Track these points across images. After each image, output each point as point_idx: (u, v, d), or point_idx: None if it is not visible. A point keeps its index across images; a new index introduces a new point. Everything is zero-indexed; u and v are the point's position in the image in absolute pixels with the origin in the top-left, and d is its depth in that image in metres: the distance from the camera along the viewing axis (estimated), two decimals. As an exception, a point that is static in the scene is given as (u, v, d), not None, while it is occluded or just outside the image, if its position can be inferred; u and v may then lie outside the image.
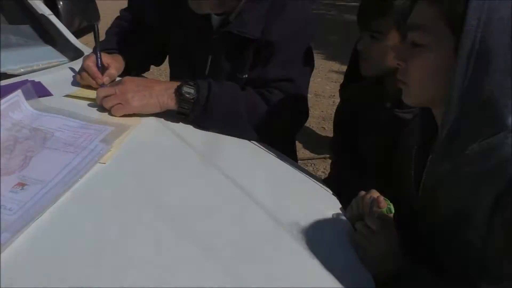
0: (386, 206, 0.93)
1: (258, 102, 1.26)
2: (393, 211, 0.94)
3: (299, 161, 2.09)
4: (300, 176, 1.15)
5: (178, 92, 1.19)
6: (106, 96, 1.17)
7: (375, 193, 0.95)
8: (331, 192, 1.10)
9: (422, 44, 0.82)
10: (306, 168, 1.68)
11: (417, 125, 1.00)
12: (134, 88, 1.18)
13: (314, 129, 3.76)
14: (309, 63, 1.38)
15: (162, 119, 1.22)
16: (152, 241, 0.77)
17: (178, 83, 1.21)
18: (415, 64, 0.84)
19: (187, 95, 1.19)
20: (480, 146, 0.79)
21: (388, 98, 1.28)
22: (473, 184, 0.79)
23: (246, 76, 1.33)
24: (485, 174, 0.77)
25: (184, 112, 1.21)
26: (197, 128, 1.23)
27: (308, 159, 3.23)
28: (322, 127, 3.82)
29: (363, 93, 1.40)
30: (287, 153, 1.27)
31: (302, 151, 3.31)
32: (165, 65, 1.64)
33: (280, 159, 1.19)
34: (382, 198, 0.94)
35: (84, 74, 1.31)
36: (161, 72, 3.78)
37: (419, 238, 0.94)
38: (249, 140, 1.25)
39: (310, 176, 1.16)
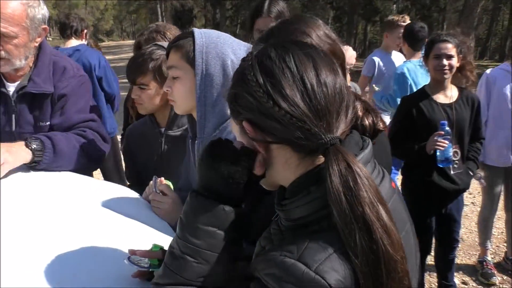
0: (164, 183, 1.50)
1: (81, 139, 1.73)
2: (171, 186, 1.52)
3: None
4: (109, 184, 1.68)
5: (29, 146, 1.56)
6: None
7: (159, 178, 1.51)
8: (127, 188, 1.64)
9: (177, 76, 1.39)
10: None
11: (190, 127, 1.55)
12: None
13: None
14: (97, 107, 1.93)
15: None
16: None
17: (21, 142, 1.57)
18: (175, 89, 1.39)
19: (35, 146, 1.57)
20: (219, 130, 1.37)
21: (160, 125, 1.88)
22: None
23: (48, 123, 1.77)
24: None
25: (38, 160, 1.57)
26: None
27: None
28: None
29: (142, 124, 1.97)
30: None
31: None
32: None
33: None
34: (162, 178, 1.51)
35: None
36: None
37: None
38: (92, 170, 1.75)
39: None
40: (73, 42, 3.58)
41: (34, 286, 1.01)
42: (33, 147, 1.57)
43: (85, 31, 3.73)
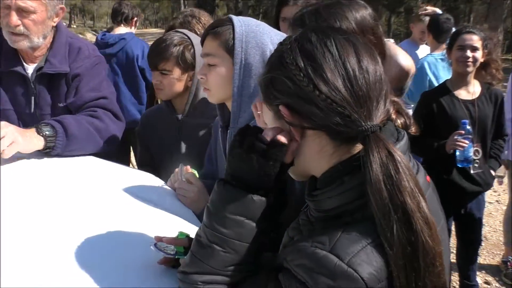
0: (190, 172, 1.50)
1: (93, 120, 1.72)
2: (197, 175, 1.52)
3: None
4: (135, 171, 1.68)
5: (40, 133, 1.54)
6: None
7: (184, 166, 1.51)
8: (152, 175, 1.63)
9: (213, 64, 1.36)
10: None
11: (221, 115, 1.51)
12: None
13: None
14: (112, 86, 1.93)
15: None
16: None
17: (32, 129, 1.54)
18: (211, 77, 1.37)
19: (47, 132, 1.55)
20: (254, 120, 1.35)
21: (177, 112, 1.88)
22: None
23: (64, 104, 1.79)
24: None
25: (51, 146, 1.55)
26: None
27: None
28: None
29: (158, 111, 1.97)
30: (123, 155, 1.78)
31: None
32: None
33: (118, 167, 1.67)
34: (188, 167, 1.51)
35: None
36: None
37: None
38: (105, 151, 1.72)
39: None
40: (122, 30, 3.62)
41: (60, 271, 1.02)
42: (45, 134, 1.56)
43: (135, 19, 3.76)
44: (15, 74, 1.76)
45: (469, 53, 2.47)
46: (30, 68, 1.79)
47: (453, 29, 3.38)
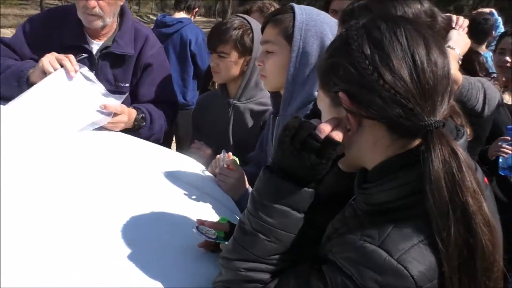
0: (231, 158, 1.51)
1: (163, 117, 1.90)
2: (238, 162, 1.53)
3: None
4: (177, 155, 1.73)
5: (136, 121, 1.78)
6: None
7: (226, 152, 1.52)
8: (193, 160, 1.65)
9: (272, 51, 1.38)
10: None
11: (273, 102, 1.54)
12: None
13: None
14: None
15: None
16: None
17: (134, 114, 1.77)
18: (268, 64, 1.39)
19: (140, 123, 1.78)
20: (304, 109, 1.36)
21: (230, 96, 1.88)
22: None
23: (127, 85, 1.87)
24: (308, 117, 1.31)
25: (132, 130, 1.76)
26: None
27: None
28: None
29: (214, 95, 2.02)
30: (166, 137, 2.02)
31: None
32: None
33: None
34: (230, 153, 1.51)
35: None
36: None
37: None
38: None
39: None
40: (181, 15, 3.73)
41: (103, 247, 1.04)
42: (138, 125, 1.79)
43: (197, 9, 3.88)
44: (80, 49, 1.83)
45: (508, 58, 2.38)
46: (95, 44, 1.87)
47: (500, 30, 3.26)
